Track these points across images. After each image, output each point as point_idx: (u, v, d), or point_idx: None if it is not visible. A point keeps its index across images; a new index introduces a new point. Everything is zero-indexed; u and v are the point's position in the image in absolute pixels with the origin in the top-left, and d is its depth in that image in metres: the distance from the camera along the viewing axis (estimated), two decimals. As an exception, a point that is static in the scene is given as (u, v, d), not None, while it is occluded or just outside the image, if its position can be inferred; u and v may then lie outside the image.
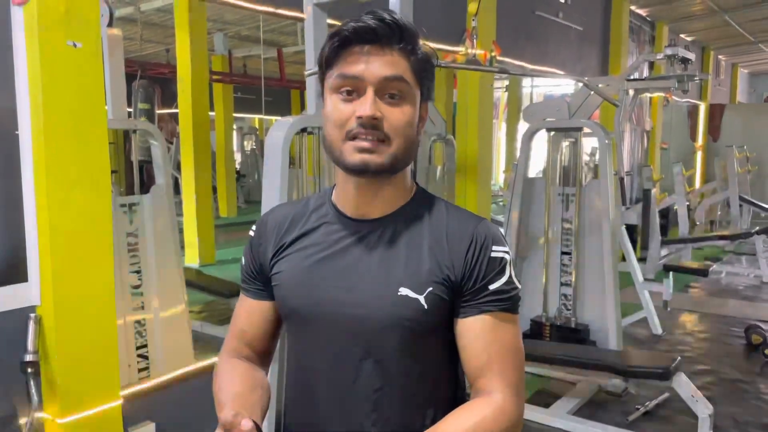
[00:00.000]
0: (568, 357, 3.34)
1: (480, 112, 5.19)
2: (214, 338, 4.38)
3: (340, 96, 0.97)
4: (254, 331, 1.13)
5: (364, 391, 1.00)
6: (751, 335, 4.61)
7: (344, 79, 0.96)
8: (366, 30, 0.95)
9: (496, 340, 0.98)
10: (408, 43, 0.97)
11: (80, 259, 2.16)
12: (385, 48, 0.96)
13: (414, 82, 0.98)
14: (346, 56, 0.96)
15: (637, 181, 8.99)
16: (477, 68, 4.07)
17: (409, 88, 0.97)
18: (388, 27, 0.95)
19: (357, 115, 0.95)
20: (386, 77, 0.95)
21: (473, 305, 0.99)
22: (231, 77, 8.94)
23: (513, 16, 5.84)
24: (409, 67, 0.97)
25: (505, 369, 0.98)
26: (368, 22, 0.95)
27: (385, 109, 0.96)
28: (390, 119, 0.96)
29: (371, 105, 0.94)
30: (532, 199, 4.29)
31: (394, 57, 0.96)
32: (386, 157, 0.96)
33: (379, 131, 0.95)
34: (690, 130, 11.84)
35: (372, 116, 0.94)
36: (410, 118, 0.98)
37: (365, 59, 0.95)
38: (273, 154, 2.23)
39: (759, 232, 7.08)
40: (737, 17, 9.10)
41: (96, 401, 2.21)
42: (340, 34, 0.96)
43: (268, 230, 1.10)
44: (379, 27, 0.95)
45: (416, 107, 1.00)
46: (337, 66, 0.97)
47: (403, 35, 0.97)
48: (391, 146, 0.96)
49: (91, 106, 2.17)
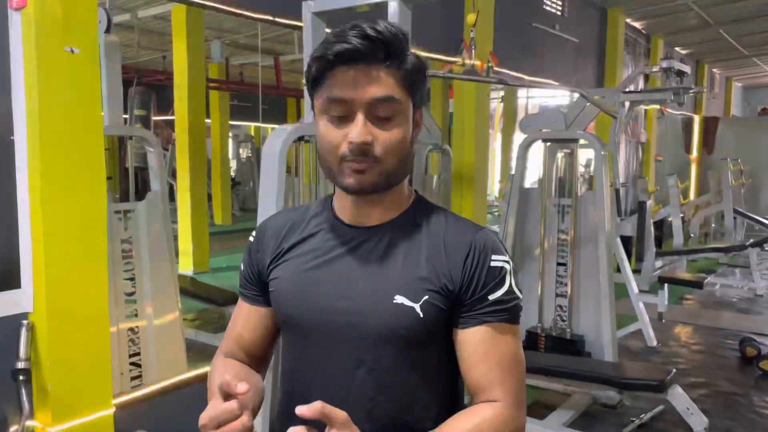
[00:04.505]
0: (563, 368, 3.33)
1: (476, 122, 5.19)
2: (207, 346, 4.36)
3: (330, 120, 0.95)
4: (251, 336, 1.12)
5: (358, 400, 0.99)
6: (746, 348, 4.61)
7: (332, 102, 0.94)
8: (350, 51, 0.92)
9: (497, 352, 0.97)
10: (395, 57, 0.94)
11: (74, 266, 2.14)
12: (372, 67, 0.93)
13: (404, 95, 0.96)
14: (333, 79, 0.94)
15: (632, 193, 9.01)
16: (474, 79, 4.08)
17: (399, 105, 0.95)
18: (373, 44, 0.92)
19: (348, 140, 0.93)
20: (375, 99, 0.93)
21: (473, 316, 0.98)
22: (228, 85, 8.94)
23: (510, 27, 5.86)
24: (397, 83, 0.95)
25: (506, 381, 0.97)
26: (352, 41, 0.92)
27: (376, 130, 0.94)
28: (381, 140, 0.94)
29: (361, 131, 0.93)
30: (527, 209, 4.29)
31: (382, 75, 0.93)
32: (380, 177, 0.96)
33: (371, 155, 0.94)
34: (684, 142, 11.90)
35: (362, 142, 0.93)
36: (402, 135, 0.96)
37: (352, 81, 0.93)
38: (270, 162, 2.23)
39: (753, 245, 7.10)
40: (731, 31, 9.16)
41: (88, 409, 2.19)
42: (324, 57, 0.93)
43: (267, 236, 1.10)
44: (363, 46, 0.91)
45: (409, 120, 0.98)
46: (325, 88, 0.95)
47: (389, 50, 0.94)
48: (384, 166, 0.95)
49: (87, 113, 2.16)
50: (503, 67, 5.35)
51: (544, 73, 6.60)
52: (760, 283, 6.98)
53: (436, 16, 4.89)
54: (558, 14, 6.91)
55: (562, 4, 6.96)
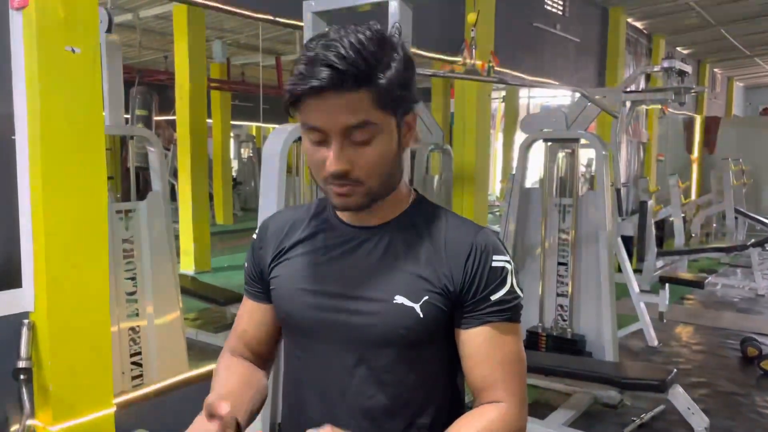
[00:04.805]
0: (563, 368, 3.33)
1: (477, 122, 5.20)
2: (208, 346, 4.36)
3: (310, 141, 0.94)
4: (255, 332, 1.13)
5: (356, 399, 0.99)
6: (747, 348, 4.61)
7: (308, 129, 0.93)
8: (319, 86, 0.88)
9: (499, 352, 0.98)
10: (366, 82, 0.89)
11: (75, 265, 2.15)
12: (343, 95, 0.89)
13: (382, 114, 0.92)
14: (306, 107, 0.91)
15: (633, 193, 9.01)
16: (476, 78, 4.08)
17: (375, 126, 0.92)
18: (340, 74, 0.87)
19: (326, 169, 0.92)
20: (349, 126, 0.90)
21: (475, 316, 0.98)
22: (229, 85, 8.96)
23: (511, 27, 5.86)
24: (373, 104, 0.90)
25: (509, 380, 0.98)
26: (320, 75, 0.87)
27: (354, 154, 0.92)
28: (361, 164, 0.93)
29: (336, 160, 0.91)
30: (528, 209, 4.29)
31: (355, 98, 0.89)
32: (364, 198, 0.96)
33: (351, 180, 0.93)
34: (686, 142, 11.89)
35: (339, 172, 0.92)
36: (383, 153, 0.94)
37: (325, 111, 0.90)
38: (271, 161, 2.23)
39: (754, 245, 7.10)
40: (733, 31, 9.16)
41: (89, 409, 2.19)
42: (292, 93, 0.90)
43: (269, 234, 1.11)
44: (330, 78, 0.87)
45: (391, 135, 0.95)
46: (301, 113, 0.93)
47: (359, 75, 0.88)
48: (366, 186, 0.95)
49: (88, 112, 2.16)
50: (504, 66, 5.35)
51: (545, 72, 6.60)
52: (761, 283, 6.97)
53: (437, 15, 4.88)
54: (559, 14, 6.90)
55: (563, 4, 6.96)
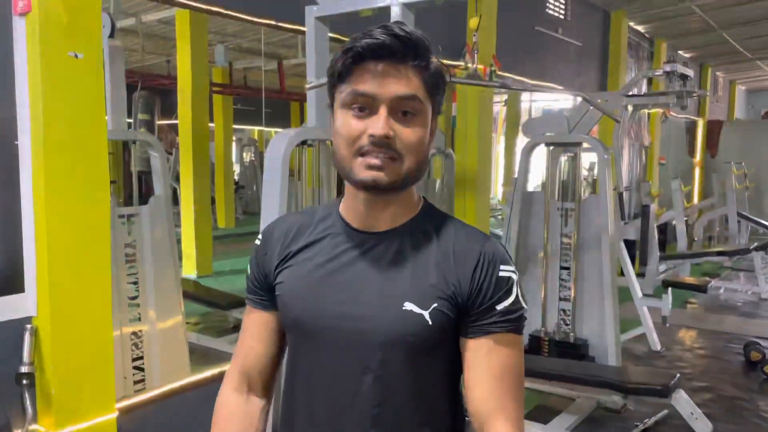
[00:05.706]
0: (566, 373, 3.32)
1: (479, 126, 5.20)
2: (210, 350, 4.36)
3: (352, 112, 0.95)
4: (261, 347, 1.11)
5: (363, 406, 0.98)
6: (750, 352, 4.59)
7: (357, 96, 0.94)
8: (380, 46, 0.93)
9: (499, 366, 0.98)
10: (422, 59, 0.96)
11: (77, 270, 2.15)
12: (399, 65, 0.94)
13: (426, 98, 0.97)
14: (360, 72, 0.94)
15: (635, 197, 9.00)
16: (478, 83, 4.08)
17: (421, 105, 0.96)
18: (402, 43, 0.93)
19: (369, 133, 0.94)
20: (400, 96, 0.94)
21: (480, 326, 0.98)
22: (231, 89, 8.96)
23: (513, 31, 5.87)
24: (422, 84, 0.96)
25: (507, 403, 0.98)
26: (381, 37, 0.93)
27: (397, 127, 0.94)
28: (402, 137, 0.95)
29: (384, 124, 0.93)
30: (530, 213, 4.29)
31: (408, 74, 0.95)
32: (397, 175, 0.96)
33: (391, 150, 0.94)
34: (688, 145, 11.89)
35: (384, 135, 0.93)
36: (422, 136, 0.97)
37: (379, 77, 0.93)
38: (273, 165, 2.23)
39: (757, 249, 7.08)
40: (735, 34, 9.17)
41: (91, 413, 2.19)
42: (353, 49, 0.94)
43: (274, 239, 1.09)
44: (393, 43, 0.93)
45: (428, 124, 0.99)
46: (350, 82, 0.95)
47: (417, 51, 0.95)
48: (402, 164, 0.96)
49: (91, 117, 2.17)
50: (506, 71, 5.36)
51: (547, 76, 6.61)
52: (764, 287, 6.95)
53: (438, 20, 4.89)
54: (561, 18, 6.91)
55: (565, 8, 6.97)
